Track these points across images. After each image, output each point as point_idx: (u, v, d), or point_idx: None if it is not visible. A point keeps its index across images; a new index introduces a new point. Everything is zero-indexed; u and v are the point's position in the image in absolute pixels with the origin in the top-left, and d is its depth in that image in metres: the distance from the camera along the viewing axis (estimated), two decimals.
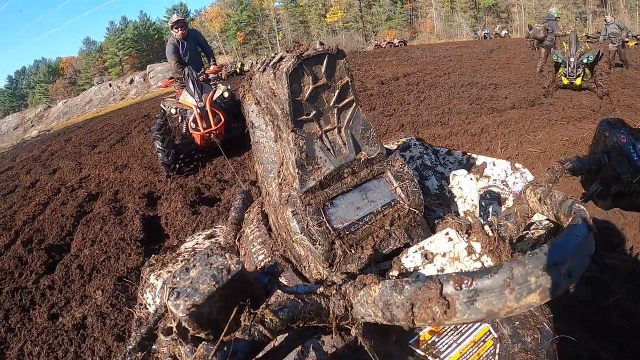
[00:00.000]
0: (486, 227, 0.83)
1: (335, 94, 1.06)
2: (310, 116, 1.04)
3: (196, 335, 0.60)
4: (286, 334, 0.73)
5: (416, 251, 0.82)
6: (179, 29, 6.82)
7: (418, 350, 0.88)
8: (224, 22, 60.09)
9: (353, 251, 0.98)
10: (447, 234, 0.82)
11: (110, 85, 36.26)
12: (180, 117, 6.59)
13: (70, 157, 10.34)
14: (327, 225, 0.99)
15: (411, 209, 1.06)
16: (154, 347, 0.69)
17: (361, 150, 1.10)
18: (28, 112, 36.02)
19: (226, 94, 6.86)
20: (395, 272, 0.85)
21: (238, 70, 25.24)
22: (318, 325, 0.69)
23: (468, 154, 1.70)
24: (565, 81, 9.02)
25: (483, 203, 1.55)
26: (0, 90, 75.09)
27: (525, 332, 0.91)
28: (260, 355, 0.65)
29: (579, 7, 46.50)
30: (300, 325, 0.66)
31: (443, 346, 0.89)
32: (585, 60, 8.81)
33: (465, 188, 1.35)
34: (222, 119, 6.49)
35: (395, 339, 0.88)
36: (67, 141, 13.78)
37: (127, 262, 4.17)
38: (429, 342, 0.90)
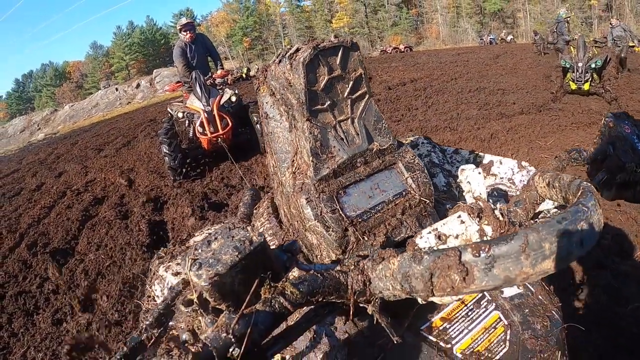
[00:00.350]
0: (497, 212, 0.84)
1: (350, 86, 1.10)
2: (325, 106, 1.07)
3: (217, 306, 0.60)
4: (302, 314, 0.74)
5: (430, 232, 0.82)
6: (187, 32, 6.79)
7: (430, 337, 0.90)
8: (230, 27, 60.36)
9: (366, 238, 1.00)
10: (459, 216, 0.82)
11: (116, 89, 36.44)
12: (187, 121, 6.55)
13: (76, 161, 10.36)
14: (341, 212, 1.01)
15: (422, 198, 1.09)
16: (170, 323, 0.69)
17: (374, 140, 1.13)
18: (35, 115, 36.23)
19: (234, 98, 6.81)
20: (409, 253, 0.87)
21: (244, 76, 25.24)
22: (336, 301, 0.69)
23: (475, 152, 1.70)
24: (574, 86, 8.90)
25: (490, 200, 1.53)
26: (8, 93, 75.83)
27: (535, 320, 0.93)
28: (276, 333, 0.66)
29: (584, 12, 46.34)
30: (320, 299, 0.67)
31: (454, 332, 0.91)
32: (593, 65, 8.67)
33: (473, 182, 1.37)
34: (230, 124, 6.44)
35: (408, 325, 0.91)
36: (74, 144, 13.85)
37: (133, 267, 4.10)
38: (441, 328, 0.92)
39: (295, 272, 0.73)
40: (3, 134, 32.33)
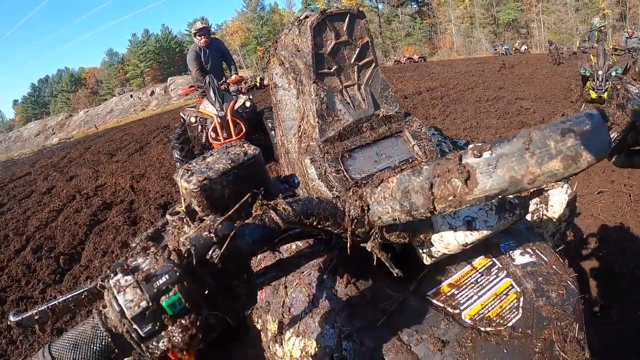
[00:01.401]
0: None
1: (356, 52, 1.13)
2: (331, 70, 1.11)
3: (204, 217, 0.58)
4: (297, 250, 0.71)
5: None
6: (202, 36, 6.67)
7: (436, 302, 0.88)
8: (245, 36, 60.91)
9: None
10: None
11: (131, 96, 36.86)
12: (200, 126, 6.39)
13: (88, 165, 10.34)
14: (345, 173, 1.03)
15: None
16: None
17: (380, 107, 1.16)
18: (50, 120, 36.78)
19: (248, 104, 6.64)
20: (408, 170, 0.82)
21: (258, 84, 25.27)
22: (333, 229, 0.66)
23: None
24: (594, 95, 8.58)
25: None
26: (23, 97, 77.26)
27: (549, 288, 0.90)
28: (269, 264, 0.66)
29: (593, 20, 45.93)
30: (314, 223, 0.64)
31: (463, 298, 0.89)
32: (613, 74, 8.39)
33: (556, 204, 1.38)
34: (244, 129, 6.24)
35: (413, 289, 0.90)
36: (87, 149, 13.89)
37: None
38: (448, 294, 0.90)
39: None
40: (18, 138, 32.83)
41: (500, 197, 0.51)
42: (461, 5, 53.70)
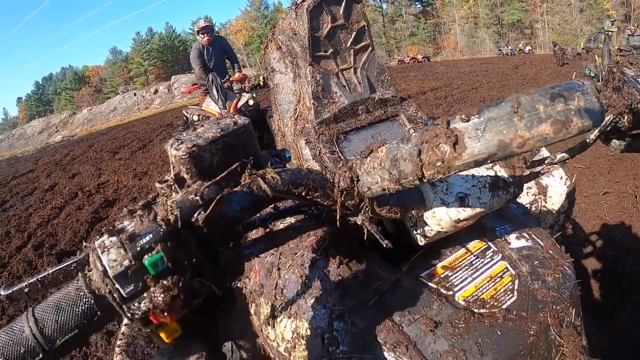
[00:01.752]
0: None
1: (352, 36, 1.14)
2: (327, 53, 1.12)
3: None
4: (288, 224, 0.71)
5: None
6: (205, 35, 6.64)
7: (430, 283, 0.87)
8: (248, 35, 60.98)
9: None
10: None
11: (134, 94, 36.91)
12: None
13: (91, 163, 10.36)
14: (340, 155, 1.04)
15: None
16: None
17: (376, 91, 1.16)
18: (53, 118, 36.86)
19: (251, 102, 6.61)
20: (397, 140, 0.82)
21: (261, 83, 25.24)
22: (322, 201, 0.66)
23: None
24: None
25: None
26: (27, 95, 77.52)
27: (545, 272, 0.89)
28: (258, 236, 0.66)
29: (602, 22, 45.70)
30: (303, 193, 0.63)
31: (457, 280, 0.88)
32: None
33: (555, 195, 1.39)
34: None
35: (406, 270, 0.89)
36: (90, 147, 13.90)
37: None
38: (442, 276, 0.89)
39: None
40: (22, 135, 32.93)
41: (489, 161, 0.50)
42: (465, 5, 53.60)
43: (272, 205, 1.42)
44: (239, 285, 1.22)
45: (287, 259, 1.02)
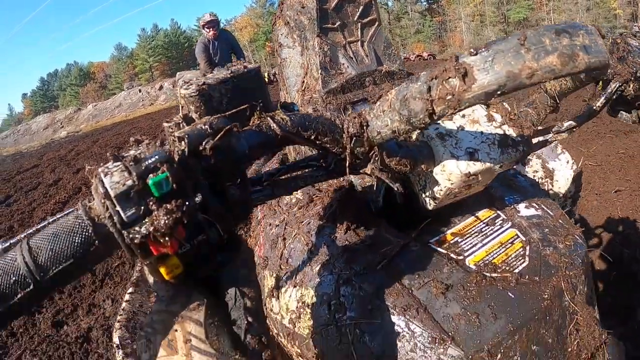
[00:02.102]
0: (505, 104, 0.83)
1: (360, 10, 1.15)
2: (335, 25, 1.13)
3: None
4: (295, 175, 0.71)
5: None
6: (211, 29, 6.59)
7: (439, 248, 0.87)
8: (254, 32, 60.91)
9: None
10: None
11: (139, 90, 36.90)
12: None
13: (96, 158, 10.35)
14: None
15: None
16: None
17: (383, 64, 1.17)
18: (58, 114, 36.95)
19: None
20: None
21: (266, 79, 25.32)
22: (331, 147, 0.65)
23: None
24: None
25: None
26: (32, 90, 77.88)
27: (556, 239, 0.89)
28: (262, 187, 0.66)
29: (609, 21, 45.29)
30: (312, 137, 0.62)
31: (467, 245, 0.88)
32: None
33: (561, 179, 1.41)
34: None
35: (415, 237, 0.88)
36: (94, 142, 13.90)
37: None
38: (452, 242, 0.89)
39: None
40: (27, 131, 33.05)
41: (499, 93, 0.50)
42: (471, 3, 53.31)
43: (279, 161, 1.35)
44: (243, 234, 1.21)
45: (293, 229, 1.00)
